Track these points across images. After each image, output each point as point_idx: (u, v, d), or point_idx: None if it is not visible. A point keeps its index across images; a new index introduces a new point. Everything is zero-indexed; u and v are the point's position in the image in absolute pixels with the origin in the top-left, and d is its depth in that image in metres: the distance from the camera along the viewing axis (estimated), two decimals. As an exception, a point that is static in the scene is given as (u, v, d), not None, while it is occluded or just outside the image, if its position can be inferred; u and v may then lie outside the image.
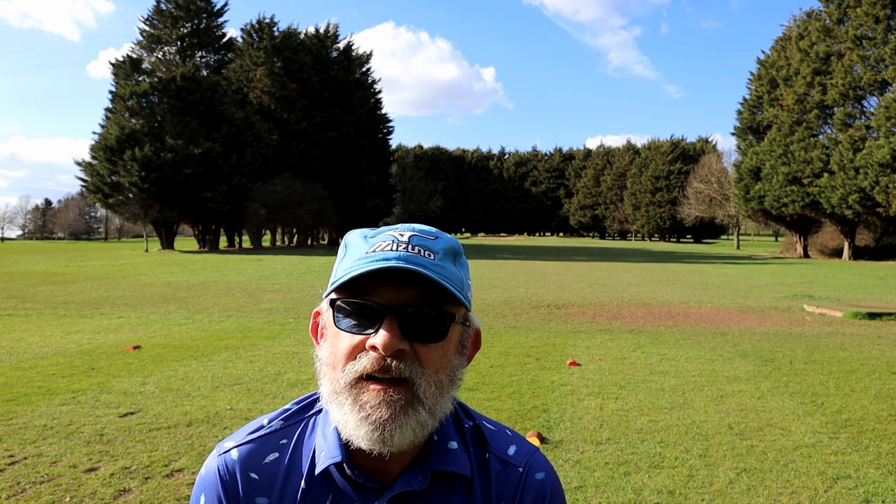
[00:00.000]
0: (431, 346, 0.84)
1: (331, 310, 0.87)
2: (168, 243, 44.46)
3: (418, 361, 0.83)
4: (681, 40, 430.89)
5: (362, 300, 0.83)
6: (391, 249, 0.84)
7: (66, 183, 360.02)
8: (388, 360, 0.81)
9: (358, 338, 0.83)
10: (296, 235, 57.73)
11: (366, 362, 0.82)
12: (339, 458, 0.87)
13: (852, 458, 4.47)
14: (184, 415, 5.32)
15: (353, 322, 0.84)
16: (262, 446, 0.93)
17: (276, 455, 0.93)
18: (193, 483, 1.78)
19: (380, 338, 0.81)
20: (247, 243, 53.87)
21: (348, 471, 0.87)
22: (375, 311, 0.83)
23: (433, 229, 0.91)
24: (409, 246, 0.85)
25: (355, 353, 0.83)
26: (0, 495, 3.69)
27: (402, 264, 0.81)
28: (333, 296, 0.87)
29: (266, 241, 60.88)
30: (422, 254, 0.85)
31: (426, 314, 0.84)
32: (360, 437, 0.82)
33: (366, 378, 0.83)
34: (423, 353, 0.84)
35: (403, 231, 0.88)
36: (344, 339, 0.84)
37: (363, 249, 0.86)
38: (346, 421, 0.83)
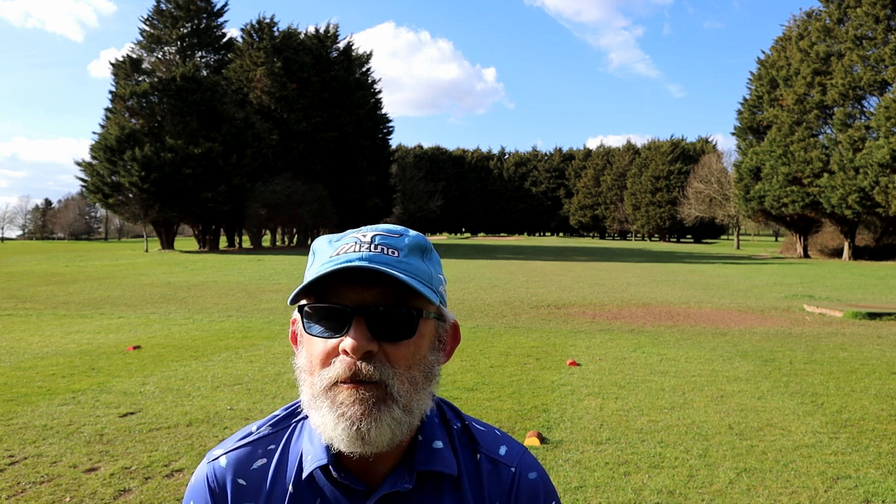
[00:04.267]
0: (401, 344, 0.84)
1: (300, 316, 0.88)
2: (168, 243, 44.46)
3: (388, 362, 0.83)
4: (682, 40, 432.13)
5: (329, 304, 0.84)
6: (354, 251, 0.85)
7: (66, 183, 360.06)
8: (359, 365, 0.82)
9: (331, 342, 0.84)
10: (296, 235, 57.75)
11: (338, 368, 0.82)
12: (324, 461, 0.87)
13: (852, 458, 4.47)
14: (184, 415, 5.32)
15: (323, 326, 0.85)
16: (251, 452, 0.94)
17: (265, 461, 0.93)
18: (193, 483, 1.78)
19: (348, 340, 0.81)
20: (247, 243, 53.86)
21: (334, 473, 0.87)
22: (342, 313, 0.83)
23: (399, 227, 0.92)
24: (372, 245, 0.86)
25: (329, 358, 0.84)
26: (0, 495, 3.69)
27: (363, 264, 0.82)
28: (302, 301, 0.87)
29: (266, 241, 60.87)
30: (385, 252, 0.85)
31: (393, 312, 0.84)
32: (339, 436, 0.82)
33: (340, 382, 0.83)
34: (393, 352, 0.84)
35: (367, 232, 0.89)
36: (317, 344, 0.85)
37: (328, 253, 0.87)
38: (325, 423, 0.84)
